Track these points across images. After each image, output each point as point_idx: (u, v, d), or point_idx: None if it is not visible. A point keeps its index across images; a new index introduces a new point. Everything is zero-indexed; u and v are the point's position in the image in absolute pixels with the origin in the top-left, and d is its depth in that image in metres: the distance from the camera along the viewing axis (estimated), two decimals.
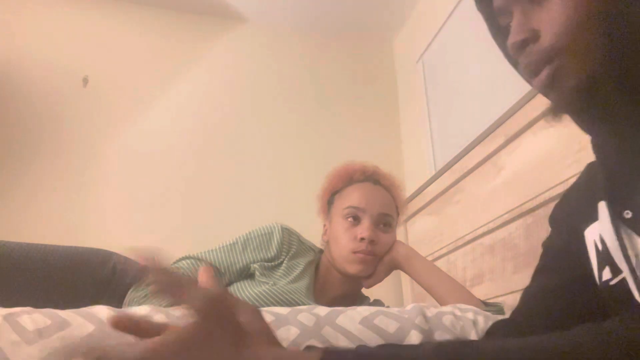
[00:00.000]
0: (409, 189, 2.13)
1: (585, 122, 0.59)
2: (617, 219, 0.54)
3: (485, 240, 1.57)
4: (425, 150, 2.37)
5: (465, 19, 2.09)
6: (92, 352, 0.40)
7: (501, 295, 1.44)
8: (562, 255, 0.66)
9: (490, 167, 1.57)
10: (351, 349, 0.49)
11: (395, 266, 1.20)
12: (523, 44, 0.55)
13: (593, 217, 0.58)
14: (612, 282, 0.55)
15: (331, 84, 2.68)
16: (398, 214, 1.27)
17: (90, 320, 0.62)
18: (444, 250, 1.83)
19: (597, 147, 0.60)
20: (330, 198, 1.28)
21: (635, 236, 0.52)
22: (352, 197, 1.20)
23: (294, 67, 2.65)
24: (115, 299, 1.09)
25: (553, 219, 0.72)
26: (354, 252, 1.15)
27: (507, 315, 0.71)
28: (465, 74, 2.10)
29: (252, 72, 2.58)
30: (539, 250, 0.72)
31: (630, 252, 0.52)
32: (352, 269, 1.16)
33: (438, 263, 1.82)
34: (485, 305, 1.05)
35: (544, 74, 0.54)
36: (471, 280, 1.63)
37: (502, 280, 1.46)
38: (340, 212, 1.20)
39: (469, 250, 1.68)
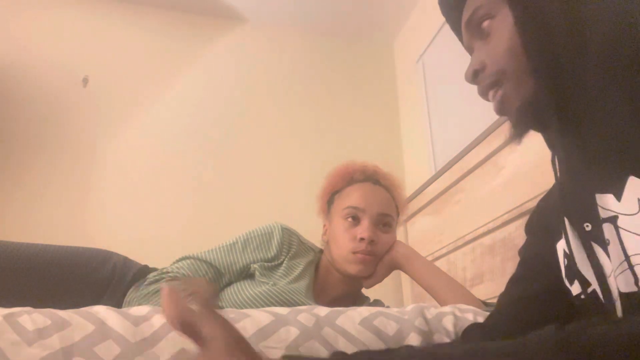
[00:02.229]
0: (409, 189, 2.13)
1: (543, 139, 0.63)
2: (578, 232, 0.55)
3: (485, 240, 1.57)
4: (425, 150, 2.37)
5: None
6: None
7: None
8: (538, 264, 0.67)
9: (490, 167, 1.57)
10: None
11: (395, 266, 1.20)
12: (474, 75, 0.64)
13: (562, 230, 0.59)
14: (583, 296, 0.56)
15: (331, 84, 2.68)
16: (398, 214, 1.27)
17: (90, 320, 0.62)
18: (444, 250, 1.83)
19: (553, 163, 0.62)
20: (330, 198, 1.27)
21: (597, 247, 0.53)
22: (352, 197, 1.20)
23: (293, 68, 2.65)
24: (115, 299, 1.09)
25: (529, 228, 0.73)
26: (354, 252, 1.15)
27: None
28: None
29: (252, 72, 2.58)
30: None
31: (594, 264, 0.53)
32: (352, 269, 1.16)
33: (438, 263, 1.82)
34: (486, 305, 1.05)
35: (496, 98, 0.60)
36: (471, 280, 1.63)
37: (502, 280, 1.45)
38: (340, 212, 1.20)
39: (469, 250, 1.67)
